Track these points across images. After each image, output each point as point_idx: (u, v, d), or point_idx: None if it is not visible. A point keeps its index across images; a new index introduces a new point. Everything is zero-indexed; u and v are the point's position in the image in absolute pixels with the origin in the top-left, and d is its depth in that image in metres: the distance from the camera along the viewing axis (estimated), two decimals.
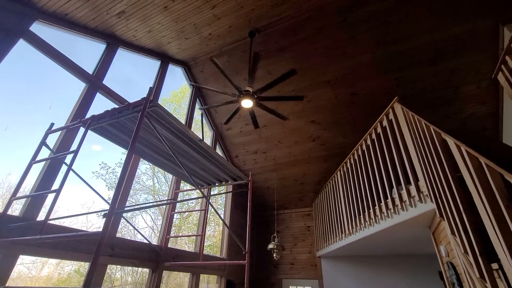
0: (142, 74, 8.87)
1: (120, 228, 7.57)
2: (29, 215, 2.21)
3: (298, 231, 6.17)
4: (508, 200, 1.08)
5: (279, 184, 6.03)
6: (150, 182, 10.81)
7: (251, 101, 3.41)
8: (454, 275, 2.20)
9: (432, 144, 2.03)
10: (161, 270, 3.35)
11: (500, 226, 1.15)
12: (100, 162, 9.30)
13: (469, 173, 1.35)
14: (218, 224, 9.76)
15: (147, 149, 2.70)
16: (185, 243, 8.56)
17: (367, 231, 3.36)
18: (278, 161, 5.65)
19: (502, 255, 1.22)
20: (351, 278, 5.15)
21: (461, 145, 1.39)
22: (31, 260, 8.06)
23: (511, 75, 2.85)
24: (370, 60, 4.05)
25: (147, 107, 1.97)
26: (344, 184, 4.17)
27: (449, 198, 1.80)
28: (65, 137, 2.62)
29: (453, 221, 1.77)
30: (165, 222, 3.80)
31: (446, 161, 1.81)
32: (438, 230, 2.54)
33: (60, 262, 9.27)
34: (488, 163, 1.15)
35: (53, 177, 2.45)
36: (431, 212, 2.31)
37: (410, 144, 2.57)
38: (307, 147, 5.29)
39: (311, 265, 5.67)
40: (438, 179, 1.98)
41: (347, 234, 3.92)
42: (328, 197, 4.96)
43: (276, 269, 5.94)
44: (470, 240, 1.54)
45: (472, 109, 4.19)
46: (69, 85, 5.27)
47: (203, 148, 2.69)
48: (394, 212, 2.79)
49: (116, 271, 9.33)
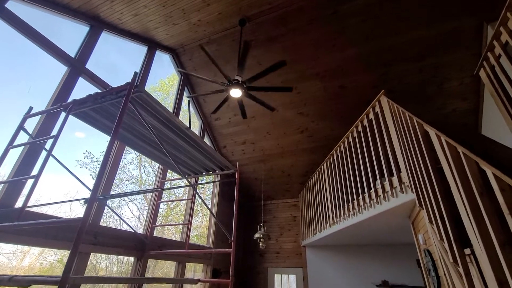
0: (128, 60, 8.58)
1: (105, 219, 7.43)
2: (6, 201, 2.13)
3: (284, 221, 6.28)
4: (482, 188, 1.14)
5: (266, 175, 6.08)
6: (137, 172, 10.63)
7: (240, 91, 3.38)
8: (430, 261, 2.31)
9: (415, 136, 2.09)
10: (146, 259, 3.33)
11: (473, 213, 1.21)
12: (84, 151, 9.04)
13: (447, 162, 1.40)
14: (205, 215, 9.78)
15: (132, 136, 2.63)
16: (172, 233, 8.53)
17: (350, 220, 3.46)
18: (266, 152, 5.68)
19: (474, 241, 1.28)
20: (334, 266, 5.33)
21: (441, 135, 1.44)
22: (11, 249, 7.82)
23: (492, 72, 2.95)
24: (359, 53, 4.08)
25: (131, 92, 1.91)
26: (330, 175, 4.26)
27: (428, 189, 1.87)
28: (45, 122, 2.51)
29: (431, 210, 1.85)
30: (150, 211, 3.77)
31: (427, 152, 1.87)
32: (417, 220, 2.65)
33: (42, 252, 9.04)
34: (465, 152, 1.20)
35: (32, 163, 2.36)
36: (411, 203, 2.40)
37: (394, 136, 2.64)
38: (295, 139, 5.33)
39: (296, 254, 5.80)
40: (419, 170, 2.05)
41: (331, 224, 4.02)
42: (314, 188, 5.05)
43: (262, 258, 6.04)
44: (446, 227, 1.62)
45: (454, 105, 4.33)
46: (49, 69, 5.01)
47: (190, 136, 2.65)
48: (376, 202, 2.88)
49: (101, 261, 9.22)
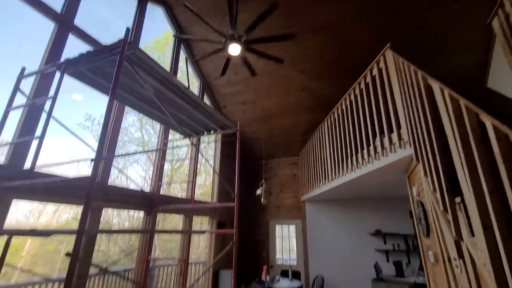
0: (118, 15, 8.01)
1: (113, 180, 7.70)
2: (15, 163, 2.20)
3: (285, 179, 6.52)
4: (480, 140, 1.16)
5: (267, 135, 6.13)
6: (139, 134, 10.72)
7: (239, 46, 3.22)
8: (422, 211, 2.46)
9: (418, 90, 2.05)
10: (155, 214, 3.55)
11: (468, 164, 1.25)
12: (84, 114, 9.00)
13: (448, 116, 1.40)
14: (209, 175, 10.11)
15: (131, 97, 2.60)
16: (177, 192, 8.93)
17: (348, 176, 3.58)
18: (267, 112, 5.64)
19: (465, 190, 1.35)
20: (331, 218, 5.68)
21: (445, 88, 1.42)
22: (27, 209, 8.28)
23: (506, 21, 2.77)
24: (364, 4, 3.78)
25: (125, 50, 1.84)
26: (330, 133, 4.29)
27: (426, 143, 1.89)
28: (41, 83, 2.47)
29: (427, 163, 1.90)
30: (155, 171, 3.90)
31: (429, 108, 1.86)
32: (413, 174, 2.75)
33: (57, 210, 9.58)
34: (467, 104, 1.19)
35: (34, 125, 2.38)
36: (409, 157, 2.46)
37: (397, 92, 2.59)
38: (296, 98, 5.25)
39: (295, 208, 6.15)
40: (419, 126, 2.06)
41: (330, 180, 4.18)
42: (314, 146, 5.13)
43: (263, 212, 6.42)
44: (440, 179, 1.69)
45: (461, 59, 4.15)
46: (37, 28, 4.73)
47: (190, 96, 2.61)
48: (375, 158, 2.96)
49: (113, 218, 9.82)
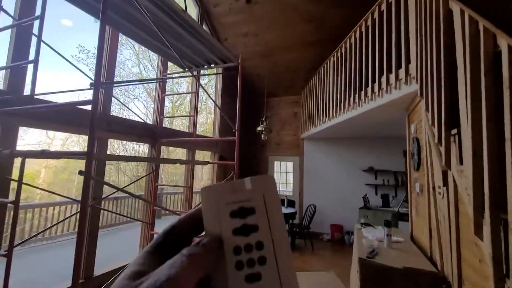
0: None
1: (115, 114, 7.74)
2: (13, 88, 2.19)
3: (286, 117, 6.56)
4: (489, 66, 1.11)
5: (270, 71, 5.90)
6: (136, 69, 10.34)
7: None
8: (416, 147, 2.55)
9: (436, 19, 1.87)
10: (159, 146, 3.69)
11: (472, 91, 1.22)
12: (78, 45, 8.50)
13: (463, 40, 1.31)
14: (210, 113, 10.13)
15: (126, 22, 2.41)
16: (179, 128, 9.10)
17: (349, 114, 3.59)
18: (270, 45, 5.30)
19: (463, 119, 1.37)
20: (327, 155, 5.94)
21: (466, 9, 1.28)
22: (36, 140, 8.56)
23: None
24: None
25: None
26: (335, 70, 4.12)
27: (434, 78, 1.83)
28: (25, 3, 2.26)
29: (431, 98, 1.88)
30: (157, 105, 3.89)
31: (444, 42, 1.73)
32: (414, 112, 2.75)
33: (65, 142, 9.93)
34: (486, 25, 1.09)
35: (26, 50, 2.28)
36: (413, 94, 2.42)
37: (412, 21, 2.38)
38: (302, 30, 4.86)
39: (295, 146, 6.36)
40: (429, 60, 1.96)
41: (330, 118, 4.21)
42: (317, 84, 5.00)
43: (263, 148, 6.66)
44: (440, 113, 1.69)
45: None
46: None
47: (187, 21, 2.42)
48: (378, 95, 2.91)
49: (119, 151, 10.27)
